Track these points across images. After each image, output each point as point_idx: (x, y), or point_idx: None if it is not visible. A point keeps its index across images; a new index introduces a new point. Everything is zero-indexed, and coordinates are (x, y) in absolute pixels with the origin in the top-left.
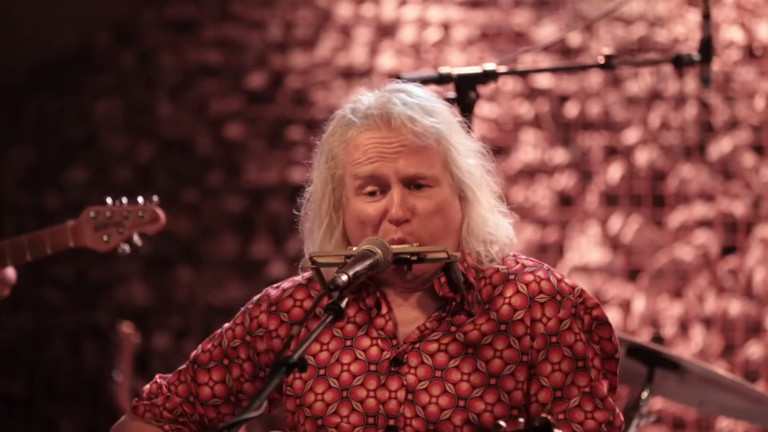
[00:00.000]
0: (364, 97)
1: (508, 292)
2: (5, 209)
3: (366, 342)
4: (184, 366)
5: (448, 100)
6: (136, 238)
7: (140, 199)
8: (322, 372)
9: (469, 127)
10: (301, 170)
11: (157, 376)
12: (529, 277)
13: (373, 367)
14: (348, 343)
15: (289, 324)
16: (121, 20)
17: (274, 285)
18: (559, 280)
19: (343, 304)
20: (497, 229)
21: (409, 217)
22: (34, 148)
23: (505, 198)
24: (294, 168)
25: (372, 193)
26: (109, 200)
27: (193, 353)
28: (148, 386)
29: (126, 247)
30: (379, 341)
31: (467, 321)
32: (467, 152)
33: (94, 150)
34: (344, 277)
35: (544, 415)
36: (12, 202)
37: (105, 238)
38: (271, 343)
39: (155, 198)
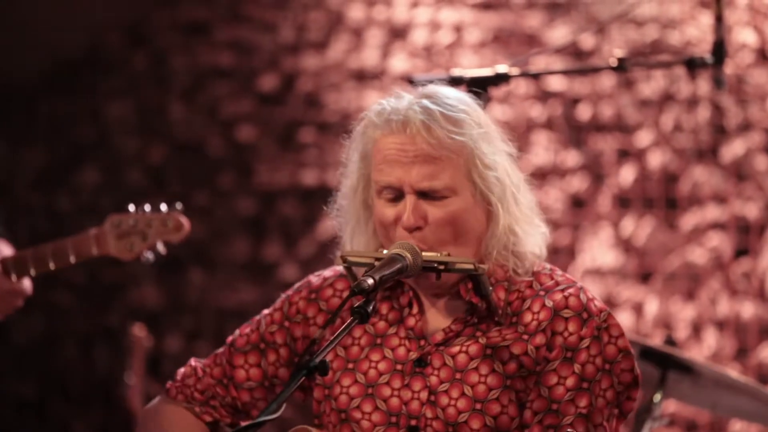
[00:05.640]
0: (393, 99)
1: (536, 307)
2: (17, 210)
3: (395, 341)
4: (220, 350)
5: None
6: (159, 246)
7: (163, 207)
8: (350, 366)
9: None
10: (312, 172)
11: (192, 359)
12: (559, 296)
13: (399, 367)
14: (378, 341)
15: (326, 313)
16: (133, 22)
17: (316, 273)
18: (589, 300)
19: (370, 307)
20: (526, 241)
21: (421, 225)
22: (46, 150)
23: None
24: (305, 170)
25: (391, 198)
26: (131, 207)
27: (230, 337)
28: (182, 369)
29: (150, 255)
30: (407, 341)
31: (494, 329)
32: (493, 163)
33: (106, 152)
34: (370, 281)
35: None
36: (24, 203)
37: (129, 246)
38: (308, 330)
39: (179, 205)
